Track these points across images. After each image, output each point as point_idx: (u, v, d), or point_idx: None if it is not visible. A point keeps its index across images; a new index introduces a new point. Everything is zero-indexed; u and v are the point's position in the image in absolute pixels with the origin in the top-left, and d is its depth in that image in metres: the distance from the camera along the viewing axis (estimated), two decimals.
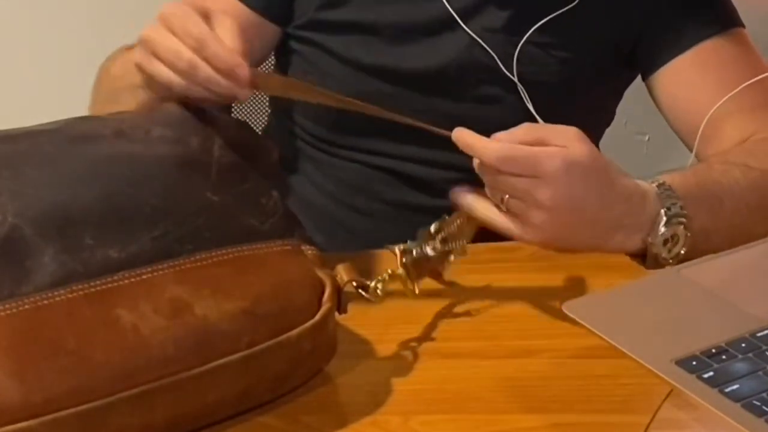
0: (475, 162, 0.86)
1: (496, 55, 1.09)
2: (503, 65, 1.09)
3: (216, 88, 0.84)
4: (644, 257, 0.91)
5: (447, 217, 0.89)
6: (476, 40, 1.09)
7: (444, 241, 0.88)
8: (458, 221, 0.89)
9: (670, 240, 0.90)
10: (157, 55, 0.86)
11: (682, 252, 0.91)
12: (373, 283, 0.84)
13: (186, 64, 0.83)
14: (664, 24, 1.11)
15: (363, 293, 0.83)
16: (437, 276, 0.92)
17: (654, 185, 0.91)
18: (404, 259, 0.86)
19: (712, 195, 0.94)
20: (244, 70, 0.82)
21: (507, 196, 0.85)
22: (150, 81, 0.89)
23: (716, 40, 1.10)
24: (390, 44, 1.12)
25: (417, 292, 0.87)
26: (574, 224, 0.86)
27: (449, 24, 1.10)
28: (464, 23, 1.10)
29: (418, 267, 0.88)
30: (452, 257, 0.89)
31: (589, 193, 0.86)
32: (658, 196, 0.90)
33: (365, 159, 1.15)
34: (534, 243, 0.88)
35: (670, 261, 0.91)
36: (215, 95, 0.84)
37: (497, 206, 0.87)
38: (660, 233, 0.89)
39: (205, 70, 0.83)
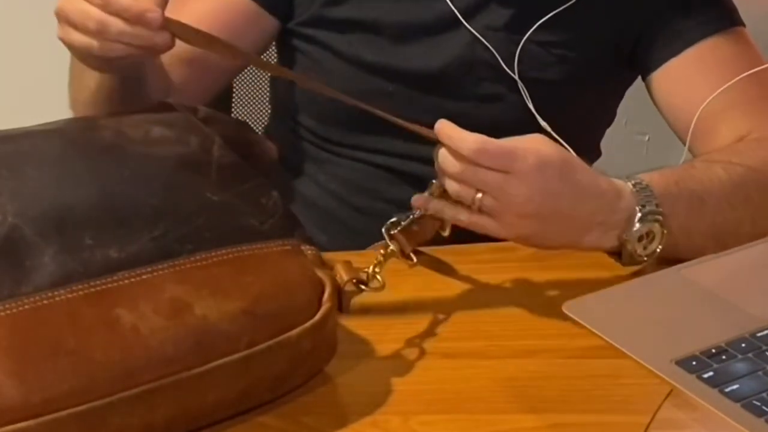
0: (442, 155, 0.85)
1: (498, 53, 1.09)
2: (505, 64, 1.09)
3: (131, 40, 0.84)
4: (621, 254, 0.91)
5: (434, 182, 0.90)
6: (478, 39, 1.09)
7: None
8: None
9: (645, 237, 0.90)
10: (70, 23, 0.86)
11: (658, 250, 0.91)
12: (370, 269, 0.84)
13: (95, 23, 0.84)
14: (664, 23, 1.11)
15: (364, 288, 0.83)
16: (438, 234, 0.92)
17: (630, 183, 0.91)
18: (392, 231, 0.89)
19: (691, 193, 0.94)
20: (153, 14, 0.83)
21: (479, 194, 0.84)
22: (75, 53, 0.89)
23: (716, 39, 1.09)
24: (392, 42, 1.12)
25: (414, 260, 0.89)
26: (547, 222, 0.86)
27: (451, 22, 1.10)
28: (466, 22, 1.10)
29: (411, 235, 0.89)
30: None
31: (562, 191, 0.86)
32: (633, 194, 0.90)
33: (367, 158, 1.15)
34: (509, 239, 0.88)
35: (645, 258, 0.91)
36: (135, 49, 0.85)
37: (465, 206, 0.87)
38: (634, 230, 0.89)
39: (115, 24, 0.83)
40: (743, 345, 0.73)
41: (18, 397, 0.63)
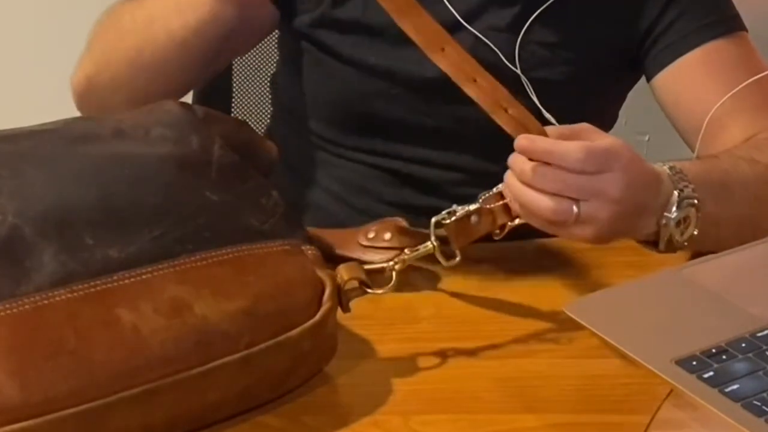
0: (539, 173, 0.83)
1: (501, 53, 1.09)
2: (509, 64, 1.09)
3: None
4: (655, 243, 0.90)
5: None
6: (481, 40, 1.09)
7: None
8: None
9: (682, 222, 0.90)
10: None
11: (695, 233, 0.90)
12: (389, 264, 0.83)
13: None
14: (668, 25, 1.11)
15: (368, 290, 0.81)
16: (490, 236, 0.90)
17: (666, 167, 0.90)
18: (447, 221, 0.86)
19: (720, 182, 0.94)
20: None
21: (575, 207, 0.82)
22: None
23: (720, 42, 1.10)
24: (394, 46, 1.12)
25: (458, 258, 0.86)
26: (628, 214, 0.85)
27: (453, 25, 1.10)
28: (469, 23, 1.09)
29: (465, 228, 0.87)
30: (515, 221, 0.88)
31: (641, 181, 0.86)
32: (670, 178, 0.90)
33: (368, 159, 1.15)
34: (590, 240, 0.86)
35: (685, 243, 0.90)
36: None
37: (555, 223, 0.84)
38: (673, 216, 0.89)
39: None
40: (743, 345, 0.73)
41: (18, 397, 0.63)
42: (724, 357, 0.72)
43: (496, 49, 1.09)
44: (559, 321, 0.84)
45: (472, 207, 0.88)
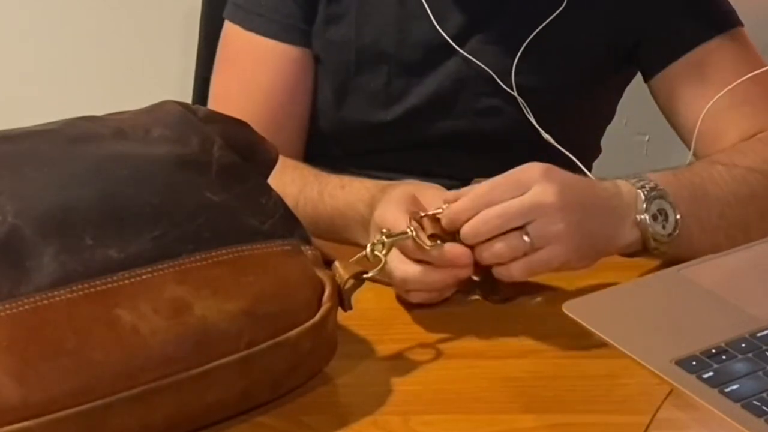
0: (469, 226, 0.83)
1: (494, 68, 1.09)
2: (502, 76, 1.09)
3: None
4: (644, 251, 0.91)
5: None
6: (474, 59, 1.10)
7: None
8: None
9: (659, 215, 0.90)
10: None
11: (677, 221, 0.90)
12: (370, 245, 0.82)
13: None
14: (663, 26, 1.11)
15: (364, 276, 0.80)
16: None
17: (621, 178, 0.91)
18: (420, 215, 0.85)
19: (692, 183, 0.94)
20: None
21: (523, 235, 0.83)
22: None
23: (716, 42, 1.10)
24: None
25: (429, 244, 0.83)
26: (586, 219, 0.85)
27: (445, 47, 1.10)
28: (460, 43, 1.10)
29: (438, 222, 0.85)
30: None
31: (576, 184, 0.87)
32: (628, 182, 0.90)
33: (364, 172, 1.16)
34: (568, 257, 0.86)
35: (672, 235, 0.90)
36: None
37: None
38: (644, 208, 0.89)
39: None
40: (743, 345, 0.73)
41: (18, 397, 0.63)
42: (723, 357, 0.72)
43: (488, 69, 1.09)
44: (559, 321, 0.84)
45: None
